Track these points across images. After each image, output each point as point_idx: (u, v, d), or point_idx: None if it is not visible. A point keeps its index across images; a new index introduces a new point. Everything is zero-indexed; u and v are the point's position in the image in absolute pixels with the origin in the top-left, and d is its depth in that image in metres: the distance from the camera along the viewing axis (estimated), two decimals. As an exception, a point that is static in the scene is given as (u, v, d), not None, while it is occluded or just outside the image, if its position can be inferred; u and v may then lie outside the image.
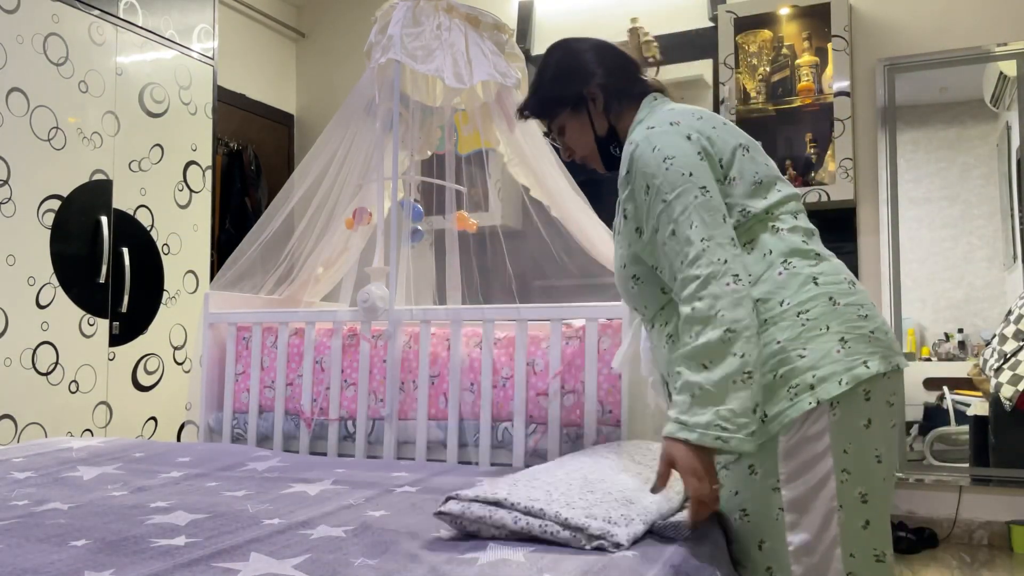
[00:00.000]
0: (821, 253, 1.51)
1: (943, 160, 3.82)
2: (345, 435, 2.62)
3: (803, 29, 3.99)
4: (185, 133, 3.75)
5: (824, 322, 1.41)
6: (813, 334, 1.41)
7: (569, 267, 2.81)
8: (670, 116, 1.55)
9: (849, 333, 1.41)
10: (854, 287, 1.47)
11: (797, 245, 1.49)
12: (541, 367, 2.41)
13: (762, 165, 1.56)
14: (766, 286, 1.46)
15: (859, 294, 1.47)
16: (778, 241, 1.49)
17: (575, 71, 1.68)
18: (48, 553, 1.27)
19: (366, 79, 2.78)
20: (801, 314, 1.42)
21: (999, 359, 3.61)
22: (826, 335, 1.41)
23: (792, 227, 1.51)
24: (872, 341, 1.42)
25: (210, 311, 2.85)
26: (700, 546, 1.40)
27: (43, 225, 3.11)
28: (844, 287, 1.46)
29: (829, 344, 1.40)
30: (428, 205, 3.06)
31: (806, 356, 1.40)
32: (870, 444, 1.41)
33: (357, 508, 1.59)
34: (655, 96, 1.68)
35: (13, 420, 2.99)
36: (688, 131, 1.51)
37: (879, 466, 1.42)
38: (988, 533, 3.63)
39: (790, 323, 1.42)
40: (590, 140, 1.71)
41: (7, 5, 3.00)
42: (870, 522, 1.41)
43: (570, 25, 4.59)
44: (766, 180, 1.54)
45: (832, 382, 1.38)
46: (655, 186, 1.48)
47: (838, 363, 1.39)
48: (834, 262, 1.51)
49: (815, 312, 1.42)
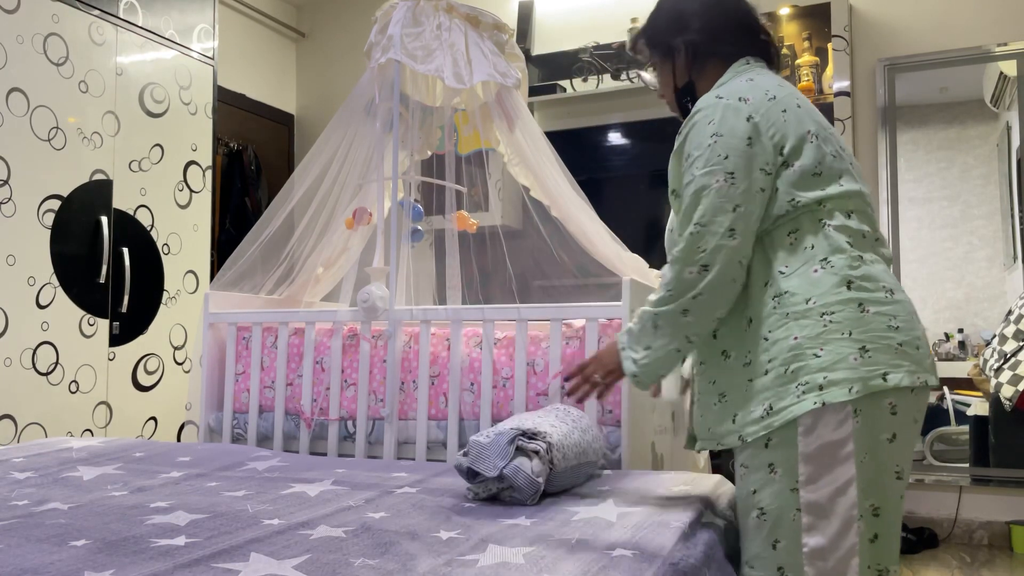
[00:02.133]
0: (865, 257, 1.47)
1: (943, 160, 3.82)
2: (345, 435, 2.62)
3: (803, 29, 3.99)
4: (185, 133, 3.75)
5: (847, 327, 1.41)
6: (833, 336, 1.41)
7: (569, 267, 2.81)
8: (743, 90, 1.54)
9: (873, 343, 1.40)
10: (891, 296, 1.45)
11: (840, 244, 1.46)
12: (541, 367, 2.41)
13: (828, 156, 1.51)
14: (797, 280, 1.46)
15: (896, 304, 1.44)
16: (822, 238, 1.47)
17: (672, 21, 1.70)
18: (48, 553, 1.27)
19: (366, 79, 2.78)
20: (825, 315, 1.42)
21: (999, 359, 3.61)
22: (846, 340, 1.40)
23: (840, 225, 1.48)
24: (899, 353, 1.40)
25: (210, 311, 2.85)
26: (696, 547, 1.40)
27: (43, 225, 3.11)
28: (879, 295, 1.44)
29: (847, 350, 1.40)
30: (428, 205, 3.06)
31: (820, 357, 1.40)
32: (891, 459, 1.41)
33: (357, 509, 1.59)
34: (747, 60, 1.64)
35: (13, 420, 2.99)
36: (750, 111, 1.50)
37: (897, 483, 1.43)
38: (988, 533, 3.63)
39: (812, 322, 1.42)
40: (670, 88, 1.74)
41: (7, 5, 3.00)
42: (879, 536, 1.41)
43: (570, 25, 4.60)
44: (828, 172, 1.50)
45: (842, 387, 1.38)
46: (694, 157, 1.52)
47: (853, 370, 1.39)
48: (875, 268, 1.47)
49: (840, 316, 1.41)
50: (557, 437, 1.74)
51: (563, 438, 1.76)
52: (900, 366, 1.40)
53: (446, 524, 1.48)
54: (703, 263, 1.46)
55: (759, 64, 1.65)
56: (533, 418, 1.81)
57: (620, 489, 1.77)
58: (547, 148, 2.82)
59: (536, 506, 1.63)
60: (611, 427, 2.30)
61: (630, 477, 1.92)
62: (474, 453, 1.67)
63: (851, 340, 1.40)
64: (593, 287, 2.73)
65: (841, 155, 1.55)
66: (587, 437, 1.87)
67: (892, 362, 1.40)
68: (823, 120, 1.58)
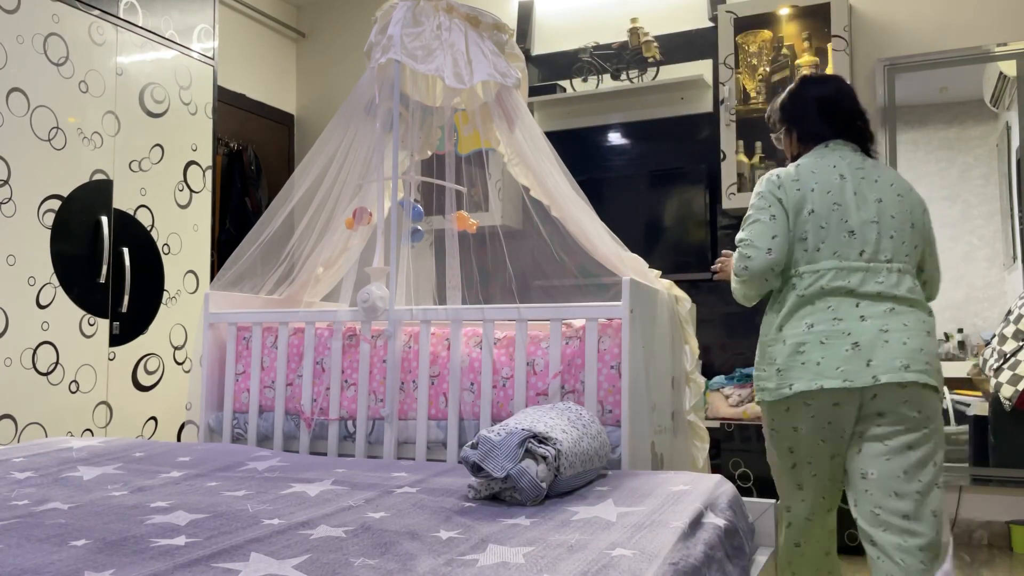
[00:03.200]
0: (800, 313, 2.04)
1: (943, 160, 3.82)
2: (345, 435, 2.62)
3: (803, 29, 3.99)
4: (185, 133, 3.75)
5: (772, 356, 2.06)
6: (766, 361, 2.08)
7: (569, 267, 2.81)
8: (798, 167, 2.11)
9: (784, 365, 2.02)
10: (810, 330, 1.99)
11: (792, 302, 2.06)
12: (541, 367, 2.41)
13: (814, 230, 2.05)
14: (765, 321, 2.15)
15: (808, 335, 1.99)
16: (788, 291, 2.09)
17: (784, 110, 2.26)
18: (48, 553, 1.27)
19: (366, 79, 2.78)
20: (766, 347, 2.09)
21: (999, 359, 3.61)
22: (772, 364, 2.06)
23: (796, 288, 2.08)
24: (800, 369, 1.99)
25: (210, 311, 2.85)
26: (696, 547, 1.40)
27: (43, 225, 3.11)
28: (799, 330, 2.01)
29: (771, 370, 2.05)
30: (428, 205, 3.06)
31: (760, 373, 2.11)
32: (784, 441, 2.10)
33: (357, 508, 1.59)
34: (827, 144, 2.14)
35: (13, 420, 2.99)
36: (773, 189, 2.10)
37: (790, 455, 2.11)
38: (988, 533, 3.63)
39: (760, 351, 2.12)
40: (787, 155, 2.30)
41: (7, 5, 3.00)
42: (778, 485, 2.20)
43: (570, 25, 4.60)
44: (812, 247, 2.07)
45: (768, 393, 2.06)
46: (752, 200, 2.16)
47: (771, 381, 2.05)
48: (802, 316, 2.03)
49: (771, 349, 2.08)
50: (567, 444, 1.74)
51: (573, 445, 1.77)
52: (802, 378, 2.02)
53: (446, 524, 1.48)
54: (743, 265, 2.14)
55: (829, 149, 2.14)
56: (546, 419, 1.81)
57: (620, 489, 1.77)
58: (547, 148, 2.82)
59: (536, 506, 1.63)
60: (611, 427, 2.30)
61: (630, 477, 1.92)
62: (484, 450, 1.67)
63: (775, 364, 2.08)
64: (593, 287, 2.73)
65: (822, 231, 2.06)
66: (595, 444, 1.87)
67: (797, 375, 2.03)
68: (841, 200, 2.06)
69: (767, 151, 4.04)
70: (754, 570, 1.80)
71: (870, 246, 1.99)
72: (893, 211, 2.03)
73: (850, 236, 1.99)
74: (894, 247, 2.01)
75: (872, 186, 2.04)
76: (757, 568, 1.83)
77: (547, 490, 1.66)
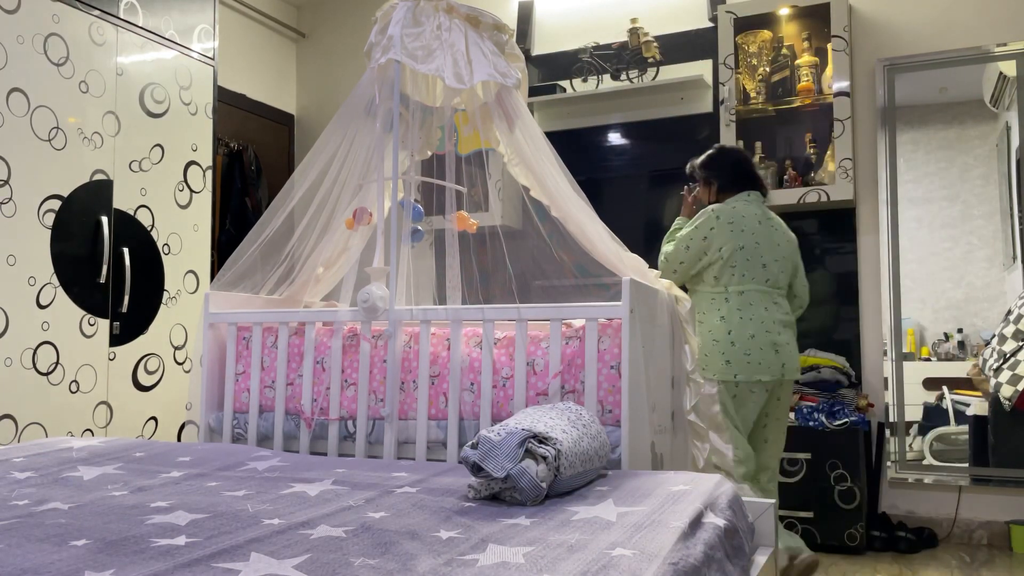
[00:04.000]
0: (740, 310, 2.85)
1: (943, 160, 3.82)
2: (345, 435, 2.62)
3: (803, 29, 3.99)
4: (185, 133, 3.75)
5: (720, 348, 2.82)
6: (714, 352, 2.83)
7: (569, 267, 2.81)
8: (734, 210, 2.90)
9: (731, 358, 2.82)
10: (747, 324, 2.81)
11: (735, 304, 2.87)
12: (541, 367, 2.41)
13: (742, 262, 2.87)
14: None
15: (743, 332, 2.81)
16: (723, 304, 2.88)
17: (708, 168, 3.07)
18: (48, 553, 1.27)
19: (366, 79, 2.78)
20: (715, 341, 2.84)
21: (998, 359, 3.61)
22: (721, 356, 2.82)
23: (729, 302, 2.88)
24: (740, 359, 2.80)
25: (210, 311, 2.85)
26: (696, 547, 1.41)
27: (43, 225, 3.12)
28: (739, 325, 2.81)
29: (721, 360, 2.81)
30: (428, 205, 3.06)
31: (707, 358, 2.83)
32: (730, 408, 2.83)
33: (357, 508, 1.59)
34: (748, 194, 2.97)
35: (13, 420, 2.99)
36: (712, 222, 2.90)
37: (729, 415, 2.82)
38: (988, 533, 3.63)
39: (704, 340, 2.86)
40: (705, 200, 3.06)
41: (7, 5, 3.00)
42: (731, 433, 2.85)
43: (570, 25, 4.60)
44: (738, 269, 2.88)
45: (718, 374, 2.81)
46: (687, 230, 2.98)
47: (717, 367, 2.81)
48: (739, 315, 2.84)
49: (719, 342, 2.84)
50: (567, 445, 1.74)
51: (573, 445, 1.77)
52: (745, 367, 2.85)
53: (446, 524, 1.48)
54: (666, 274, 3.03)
55: (745, 196, 2.97)
56: (546, 419, 1.81)
57: (620, 489, 1.77)
58: (547, 148, 2.82)
59: (536, 506, 1.63)
60: (611, 427, 2.30)
61: (630, 477, 1.92)
62: (484, 450, 1.67)
63: (724, 356, 2.86)
64: (593, 287, 2.73)
65: (746, 263, 2.88)
66: (595, 444, 1.87)
67: (740, 365, 2.85)
68: (760, 239, 2.90)
69: (767, 151, 4.04)
70: (754, 570, 1.80)
71: (773, 276, 2.88)
72: (785, 252, 2.93)
73: (763, 268, 2.86)
74: (784, 279, 2.93)
75: (773, 232, 2.91)
76: (757, 568, 1.83)
77: (547, 490, 1.67)
